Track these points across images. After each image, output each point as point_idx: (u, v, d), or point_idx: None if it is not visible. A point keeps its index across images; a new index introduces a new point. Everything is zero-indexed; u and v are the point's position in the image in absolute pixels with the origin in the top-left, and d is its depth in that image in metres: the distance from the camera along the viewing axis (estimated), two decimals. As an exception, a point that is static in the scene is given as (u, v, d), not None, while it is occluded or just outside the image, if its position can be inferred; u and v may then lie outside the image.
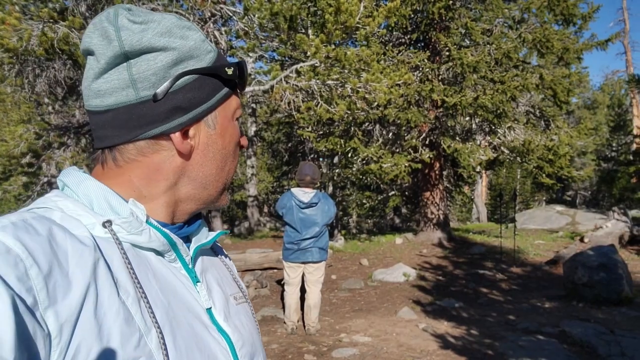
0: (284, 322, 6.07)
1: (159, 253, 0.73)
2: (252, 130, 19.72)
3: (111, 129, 0.70)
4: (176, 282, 0.73)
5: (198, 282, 0.77)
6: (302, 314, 6.07)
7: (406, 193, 18.40)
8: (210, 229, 0.85)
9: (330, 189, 20.15)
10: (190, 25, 0.73)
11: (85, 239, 0.63)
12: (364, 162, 12.65)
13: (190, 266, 0.77)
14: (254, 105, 19.28)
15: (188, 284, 0.75)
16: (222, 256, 0.94)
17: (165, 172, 0.73)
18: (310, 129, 12.20)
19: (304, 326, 6.00)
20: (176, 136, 0.71)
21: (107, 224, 0.67)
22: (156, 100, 0.69)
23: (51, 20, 6.89)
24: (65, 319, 0.55)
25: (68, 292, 0.57)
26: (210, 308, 0.77)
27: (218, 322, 0.77)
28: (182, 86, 0.70)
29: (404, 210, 23.44)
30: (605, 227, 12.29)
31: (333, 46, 8.15)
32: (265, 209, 25.62)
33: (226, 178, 0.80)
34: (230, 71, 0.76)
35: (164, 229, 0.73)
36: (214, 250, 0.92)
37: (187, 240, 0.80)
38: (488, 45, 12.04)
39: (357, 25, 8.15)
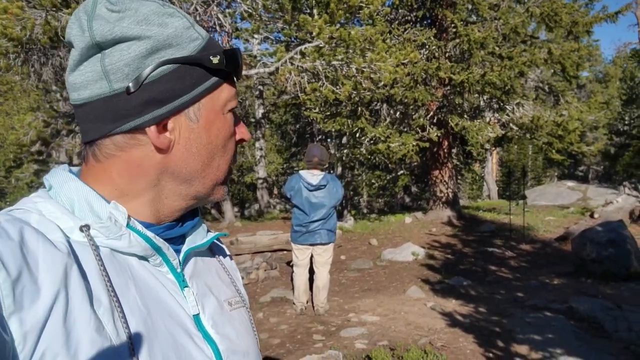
0: (293, 303, 6.15)
1: (142, 257, 0.70)
2: (259, 112, 19.70)
3: (89, 123, 0.67)
4: (160, 288, 0.70)
5: (186, 287, 0.74)
6: (311, 295, 6.14)
7: (415, 172, 18.35)
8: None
9: (339, 169, 20.16)
10: (173, 12, 0.69)
11: (60, 244, 0.61)
12: (372, 142, 12.61)
13: (178, 270, 0.74)
14: (260, 87, 19.24)
15: (174, 289, 0.72)
16: (221, 257, 0.90)
17: (146, 168, 0.69)
18: (317, 110, 12.18)
19: (313, 307, 6.07)
20: (151, 130, 0.67)
21: (84, 228, 0.64)
22: (130, 93, 0.65)
23: (54, 9, 6.90)
24: (30, 327, 0.53)
25: (36, 299, 0.54)
26: (198, 314, 0.73)
27: (206, 329, 0.73)
28: (158, 77, 0.66)
29: (414, 189, 23.41)
30: (616, 202, 12.21)
31: (337, 26, 8.09)
32: (275, 191, 25.71)
33: (216, 174, 0.74)
34: (216, 60, 0.69)
35: (146, 232, 0.69)
36: (212, 251, 0.88)
37: (182, 240, 0.78)
38: (495, 21, 11.88)
39: (361, 4, 8.08)
